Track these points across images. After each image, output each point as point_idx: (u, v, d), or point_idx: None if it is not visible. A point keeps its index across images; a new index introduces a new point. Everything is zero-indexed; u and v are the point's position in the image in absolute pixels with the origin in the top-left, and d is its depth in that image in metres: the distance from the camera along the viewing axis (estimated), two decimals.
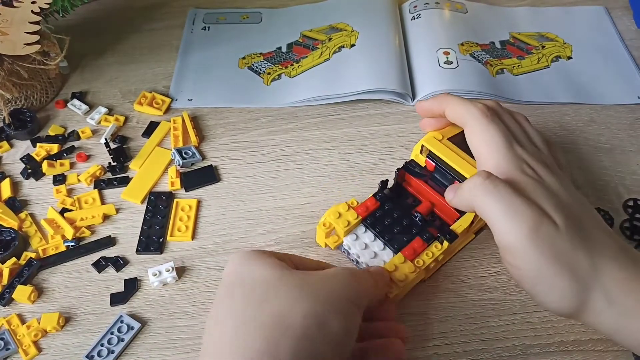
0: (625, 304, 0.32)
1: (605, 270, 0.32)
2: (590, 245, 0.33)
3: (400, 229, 0.42)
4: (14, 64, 0.49)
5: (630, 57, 0.59)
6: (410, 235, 0.41)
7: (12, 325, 0.40)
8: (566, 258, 0.32)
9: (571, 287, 0.32)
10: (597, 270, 0.32)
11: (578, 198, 0.36)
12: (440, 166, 0.41)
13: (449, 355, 0.38)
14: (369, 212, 0.42)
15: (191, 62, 0.60)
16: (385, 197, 0.43)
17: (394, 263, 0.39)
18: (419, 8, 0.63)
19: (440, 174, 0.42)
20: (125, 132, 0.53)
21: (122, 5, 0.67)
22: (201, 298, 0.41)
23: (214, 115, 0.54)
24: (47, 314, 0.40)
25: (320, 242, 0.43)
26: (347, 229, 0.41)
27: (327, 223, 0.42)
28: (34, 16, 0.49)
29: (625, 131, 0.53)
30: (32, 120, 0.52)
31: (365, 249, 0.41)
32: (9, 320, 0.40)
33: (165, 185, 0.49)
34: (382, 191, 0.43)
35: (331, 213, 0.42)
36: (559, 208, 0.34)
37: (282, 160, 0.50)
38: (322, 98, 0.55)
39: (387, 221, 0.42)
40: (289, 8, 0.66)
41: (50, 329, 0.39)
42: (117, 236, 0.45)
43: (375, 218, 0.42)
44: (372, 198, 0.43)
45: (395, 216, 0.42)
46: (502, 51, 0.60)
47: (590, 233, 0.34)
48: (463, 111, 0.39)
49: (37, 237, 0.45)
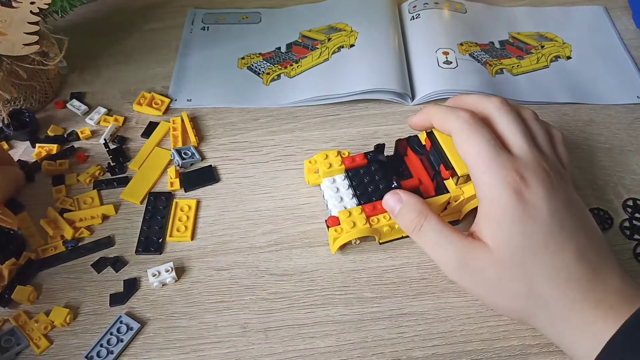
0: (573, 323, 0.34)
1: (551, 297, 0.34)
2: (530, 274, 0.35)
3: (374, 189, 0.43)
4: (13, 64, 0.49)
5: (630, 57, 0.59)
6: (381, 197, 0.42)
7: (19, 321, 0.40)
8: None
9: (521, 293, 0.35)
10: (539, 297, 0.35)
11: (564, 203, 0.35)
12: (435, 147, 0.42)
13: (449, 355, 0.38)
14: (354, 165, 0.45)
15: (190, 62, 0.60)
16: (375, 159, 0.45)
17: (349, 211, 0.42)
18: (418, 8, 0.63)
19: (433, 155, 0.42)
20: (124, 133, 0.53)
21: (121, 5, 0.67)
22: (200, 298, 0.41)
23: (213, 115, 0.54)
24: (58, 308, 0.40)
25: (306, 177, 0.48)
26: (328, 172, 0.44)
27: (313, 161, 0.46)
28: (33, 16, 0.49)
29: (624, 131, 0.53)
30: (31, 121, 0.52)
31: (336, 192, 0.44)
32: (16, 317, 0.40)
33: (164, 185, 0.49)
34: (375, 153, 0.45)
35: (321, 155, 0.45)
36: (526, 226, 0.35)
37: (282, 161, 0.50)
38: (322, 98, 0.55)
39: (366, 179, 0.44)
40: (288, 8, 0.66)
41: (58, 323, 0.39)
42: (116, 236, 0.45)
43: (357, 172, 0.45)
44: (362, 155, 0.45)
45: (376, 178, 0.44)
46: (502, 51, 0.60)
47: (545, 259, 0.34)
48: (446, 123, 0.39)
49: (36, 237, 0.45)
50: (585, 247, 0.35)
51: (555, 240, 0.34)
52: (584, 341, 0.33)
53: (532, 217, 0.34)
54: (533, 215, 0.34)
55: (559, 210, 0.35)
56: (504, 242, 0.35)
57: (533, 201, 0.34)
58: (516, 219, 0.34)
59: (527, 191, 0.35)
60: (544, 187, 0.35)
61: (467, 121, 0.37)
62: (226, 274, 0.43)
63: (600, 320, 0.33)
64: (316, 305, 0.41)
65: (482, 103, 0.40)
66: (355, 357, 0.38)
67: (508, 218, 0.35)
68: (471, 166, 0.37)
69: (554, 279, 0.34)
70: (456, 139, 0.38)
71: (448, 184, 0.42)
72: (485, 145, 0.36)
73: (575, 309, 0.34)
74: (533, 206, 0.34)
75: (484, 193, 0.36)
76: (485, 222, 0.36)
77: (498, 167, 0.35)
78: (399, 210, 0.40)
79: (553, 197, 0.35)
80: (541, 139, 0.39)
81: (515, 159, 0.36)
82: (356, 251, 0.44)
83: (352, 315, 0.40)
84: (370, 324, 0.40)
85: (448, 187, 0.42)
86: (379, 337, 0.39)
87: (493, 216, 0.35)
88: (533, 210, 0.34)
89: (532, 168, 0.36)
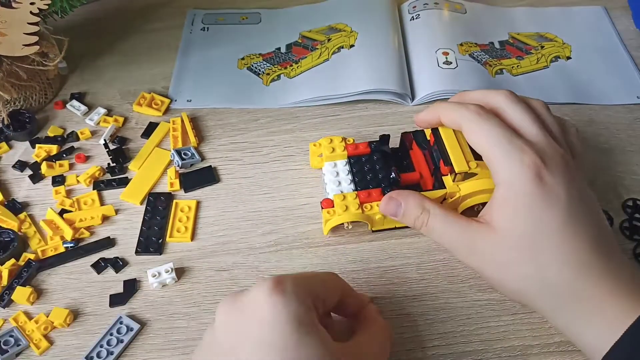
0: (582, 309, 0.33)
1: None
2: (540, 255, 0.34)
3: (373, 177, 0.44)
4: (12, 64, 0.49)
5: (630, 57, 0.59)
6: (378, 186, 0.43)
7: (19, 322, 0.40)
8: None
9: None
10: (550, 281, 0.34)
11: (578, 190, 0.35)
12: (438, 143, 0.42)
13: (449, 355, 0.38)
14: (357, 153, 0.46)
15: (190, 62, 0.60)
16: (379, 149, 0.46)
17: (344, 195, 0.43)
18: (418, 8, 0.63)
19: (435, 151, 0.42)
20: (124, 133, 0.53)
21: (121, 6, 0.67)
22: (200, 299, 0.41)
23: (213, 116, 0.54)
24: (58, 309, 0.40)
25: (310, 160, 0.49)
26: (331, 156, 0.45)
27: (318, 144, 0.47)
28: (32, 17, 0.49)
29: (624, 131, 0.53)
30: (30, 122, 0.52)
31: (335, 176, 0.45)
32: (16, 317, 0.40)
33: (164, 186, 0.49)
34: (380, 143, 0.46)
35: (326, 139, 0.46)
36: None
37: (282, 161, 0.50)
38: (322, 99, 0.55)
39: (366, 167, 0.45)
40: (288, 9, 0.66)
41: (58, 324, 0.39)
42: (116, 237, 0.45)
43: (359, 160, 0.45)
44: (366, 143, 0.46)
45: (377, 167, 0.45)
46: (501, 51, 0.60)
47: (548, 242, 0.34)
48: (456, 115, 0.39)
49: (36, 238, 0.45)
50: (598, 236, 0.34)
51: (570, 226, 0.34)
52: (595, 326, 0.33)
53: (550, 203, 0.34)
54: (551, 201, 0.34)
55: (575, 197, 0.35)
56: (517, 225, 0.35)
57: (551, 185, 0.34)
58: (535, 204, 0.34)
59: (547, 175, 0.34)
60: (562, 173, 0.35)
61: (477, 112, 0.37)
62: (226, 275, 0.43)
63: (614, 307, 0.32)
64: None
65: (489, 96, 0.39)
66: None
67: (527, 203, 0.34)
68: (487, 151, 0.37)
69: (566, 265, 0.34)
70: (467, 129, 0.38)
71: (446, 180, 0.42)
72: (500, 130, 0.36)
73: (587, 294, 0.33)
74: (551, 191, 0.34)
75: (502, 177, 0.36)
76: (500, 206, 0.36)
77: (516, 150, 0.35)
78: (402, 214, 0.40)
79: (570, 183, 0.35)
80: (554, 127, 0.39)
81: (532, 143, 0.36)
82: (356, 251, 0.44)
83: None
84: None
85: (445, 183, 0.42)
86: None
87: (510, 201, 0.35)
88: (551, 196, 0.34)
89: (550, 153, 0.35)
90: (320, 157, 0.47)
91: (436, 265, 0.43)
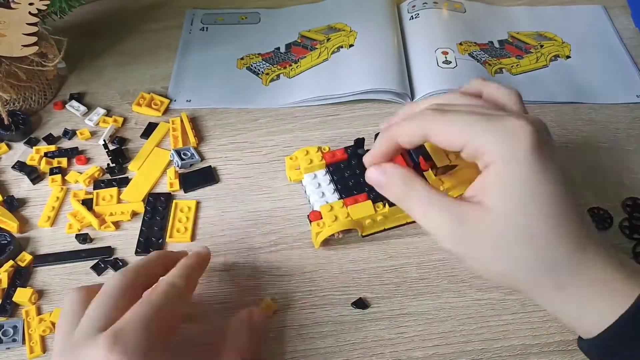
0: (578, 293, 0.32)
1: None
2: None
3: (355, 182, 0.44)
4: (11, 65, 0.49)
5: (629, 56, 0.59)
6: (362, 190, 0.43)
7: (29, 316, 0.40)
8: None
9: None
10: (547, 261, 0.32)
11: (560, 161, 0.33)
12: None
13: (449, 355, 0.38)
14: (334, 160, 0.46)
15: (190, 62, 0.60)
16: (355, 153, 0.46)
17: (331, 205, 0.43)
18: (418, 8, 0.63)
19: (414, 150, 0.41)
20: (123, 133, 0.53)
21: (120, 6, 0.67)
22: (200, 299, 0.41)
23: (213, 116, 0.54)
24: (59, 309, 0.40)
25: (287, 174, 0.48)
26: (309, 167, 0.45)
27: (294, 157, 0.47)
28: (31, 17, 0.49)
29: (624, 130, 0.53)
30: (24, 123, 0.52)
31: (317, 188, 0.45)
32: (28, 311, 0.40)
33: (164, 186, 0.49)
34: (355, 147, 0.46)
35: (301, 151, 0.46)
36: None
37: (281, 161, 0.50)
38: (321, 98, 0.55)
39: (347, 173, 0.45)
40: (287, 8, 0.66)
41: None
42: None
43: (338, 167, 0.46)
44: (343, 150, 0.46)
45: (357, 172, 0.45)
46: (501, 51, 0.60)
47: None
48: (415, 126, 0.34)
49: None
50: (584, 214, 0.33)
51: (565, 204, 0.32)
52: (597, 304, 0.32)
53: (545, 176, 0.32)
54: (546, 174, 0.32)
55: (565, 175, 0.33)
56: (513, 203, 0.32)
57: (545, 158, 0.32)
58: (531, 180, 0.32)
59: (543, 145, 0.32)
60: (552, 145, 0.33)
61: (432, 110, 0.34)
62: (226, 275, 0.43)
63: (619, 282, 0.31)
64: (316, 305, 0.41)
65: (445, 99, 0.37)
66: (355, 357, 0.38)
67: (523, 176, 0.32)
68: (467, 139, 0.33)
69: (563, 242, 0.32)
70: (434, 133, 0.34)
71: (427, 176, 0.41)
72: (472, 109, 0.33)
73: (589, 270, 0.32)
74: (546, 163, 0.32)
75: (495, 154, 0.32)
76: (495, 184, 0.33)
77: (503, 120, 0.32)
78: (384, 183, 0.36)
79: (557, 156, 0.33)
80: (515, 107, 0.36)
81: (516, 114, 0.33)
82: (356, 251, 0.44)
83: (352, 316, 0.40)
84: (370, 324, 0.40)
85: (427, 178, 0.41)
86: (379, 337, 0.39)
87: (507, 176, 0.32)
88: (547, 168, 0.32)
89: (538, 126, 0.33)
90: (297, 170, 0.47)
91: (436, 264, 0.43)
